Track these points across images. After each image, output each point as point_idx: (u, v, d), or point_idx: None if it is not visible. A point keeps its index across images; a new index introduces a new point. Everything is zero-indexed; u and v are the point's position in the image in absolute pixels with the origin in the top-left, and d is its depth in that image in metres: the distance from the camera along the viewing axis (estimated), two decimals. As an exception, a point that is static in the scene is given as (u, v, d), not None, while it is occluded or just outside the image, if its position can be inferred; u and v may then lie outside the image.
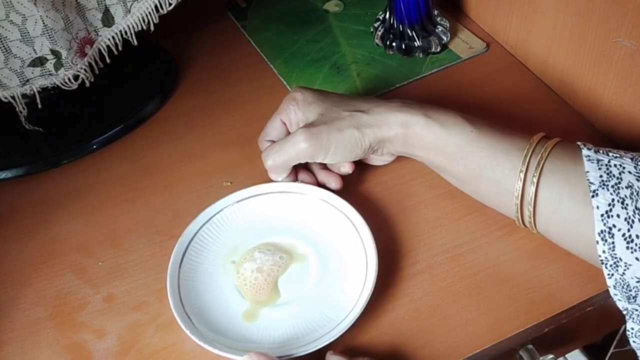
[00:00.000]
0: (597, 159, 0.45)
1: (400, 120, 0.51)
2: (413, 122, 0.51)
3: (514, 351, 0.50)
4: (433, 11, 0.71)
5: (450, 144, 0.50)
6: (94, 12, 0.61)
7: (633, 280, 0.43)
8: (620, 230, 0.43)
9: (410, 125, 0.51)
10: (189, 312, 0.49)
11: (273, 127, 0.56)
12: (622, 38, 0.55)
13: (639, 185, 0.43)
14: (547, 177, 0.46)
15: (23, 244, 0.58)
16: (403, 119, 0.51)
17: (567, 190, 0.45)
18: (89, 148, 0.65)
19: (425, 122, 0.50)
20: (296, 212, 0.56)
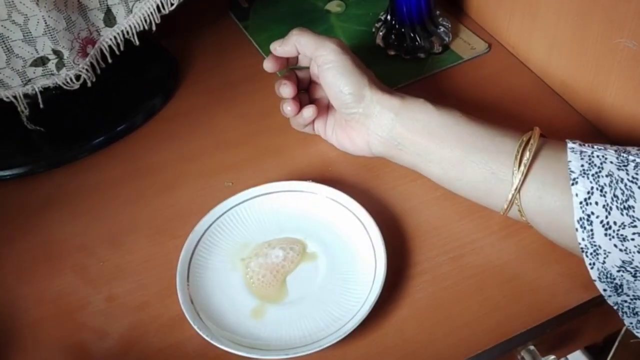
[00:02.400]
0: (581, 151, 0.46)
1: (400, 95, 0.54)
2: (412, 99, 0.53)
3: (515, 352, 0.50)
4: (434, 11, 0.71)
5: (439, 123, 0.51)
6: (96, 12, 0.61)
7: (614, 269, 0.44)
8: (598, 217, 0.44)
9: (408, 100, 0.53)
10: (197, 308, 0.49)
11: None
12: (624, 39, 0.55)
13: (619, 174, 0.44)
14: (534, 165, 0.47)
15: (24, 244, 0.58)
16: (403, 95, 0.54)
17: (550, 177, 0.46)
18: (91, 148, 0.65)
19: (423, 101, 0.53)
20: (306, 211, 0.56)
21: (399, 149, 0.53)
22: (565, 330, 0.50)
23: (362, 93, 0.53)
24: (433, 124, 0.51)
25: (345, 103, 0.54)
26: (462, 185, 0.51)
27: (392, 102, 0.52)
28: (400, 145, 0.53)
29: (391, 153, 0.54)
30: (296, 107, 0.58)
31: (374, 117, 0.53)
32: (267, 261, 0.53)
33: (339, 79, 0.53)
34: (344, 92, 0.54)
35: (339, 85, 0.53)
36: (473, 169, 0.49)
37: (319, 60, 0.54)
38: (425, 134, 0.51)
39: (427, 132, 0.51)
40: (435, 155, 0.51)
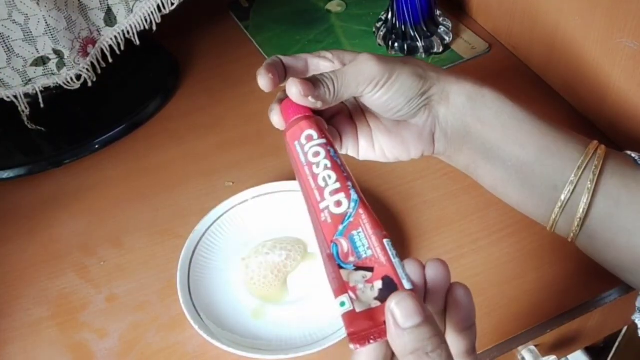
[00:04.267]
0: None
1: (470, 79, 0.45)
2: (484, 85, 0.44)
3: (516, 352, 0.50)
4: (435, 11, 0.71)
5: (512, 116, 0.43)
6: (97, 12, 0.61)
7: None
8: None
9: (481, 86, 0.44)
10: (198, 308, 0.49)
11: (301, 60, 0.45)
12: (625, 39, 0.55)
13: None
14: (605, 179, 0.41)
15: (25, 244, 0.58)
16: (473, 80, 0.45)
17: (625, 195, 0.41)
18: (91, 148, 0.65)
19: (494, 89, 0.44)
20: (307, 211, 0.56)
21: (465, 141, 0.44)
22: (566, 330, 0.50)
23: (424, 86, 0.43)
24: (506, 116, 0.43)
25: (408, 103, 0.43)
26: (524, 191, 0.44)
27: (465, 86, 0.44)
28: (467, 135, 0.44)
29: (453, 148, 0.45)
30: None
31: (445, 102, 0.44)
32: (268, 261, 0.53)
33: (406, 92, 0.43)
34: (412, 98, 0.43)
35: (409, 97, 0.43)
36: (542, 173, 0.43)
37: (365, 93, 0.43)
38: (497, 126, 0.43)
39: (500, 124, 0.43)
40: (502, 151, 0.43)
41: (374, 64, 0.42)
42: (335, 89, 0.41)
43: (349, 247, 0.34)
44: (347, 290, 0.32)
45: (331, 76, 0.41)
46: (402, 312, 0.29)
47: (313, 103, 0.40)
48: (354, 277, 0.33)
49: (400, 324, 0.29)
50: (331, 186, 0.36)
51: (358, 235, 0.34)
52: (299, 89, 0.40)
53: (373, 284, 0.32)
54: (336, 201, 0.35)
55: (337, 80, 0.41)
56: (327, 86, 0.41)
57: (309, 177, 0.37)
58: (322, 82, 0.41)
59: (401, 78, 0.42)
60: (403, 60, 0.44)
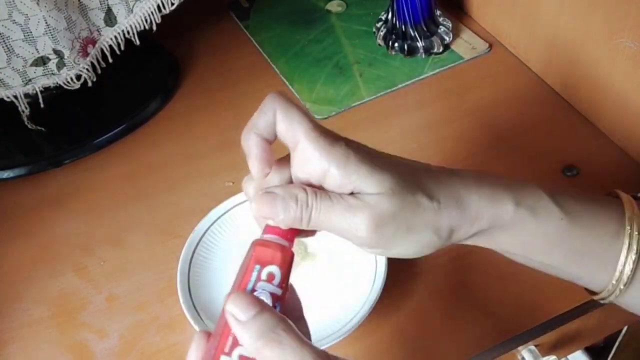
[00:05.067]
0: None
1: (491, 214, 0.38)
2: (502, 213, 0.38)
3: (516, 352, 0.50)
4: (435, 11, 0.71)
5: (536, 235, 0.39)
6: (97, 12, 0.61)
7: None
8: None
9: (498, 217, 0.38)
10: (198, 308, 0.49)
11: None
12: (625, 39, 0.55)
13: None
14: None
15: (25, 244, 0.58)
16: (494, 213, 0.38)
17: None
18: (91, 147, 0.65)
19: (515, 211, 0.38)
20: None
21: (482, 243, 0.40)
22: (566, 330, 0.50)
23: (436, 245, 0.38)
24: (527, 235, 0.39)
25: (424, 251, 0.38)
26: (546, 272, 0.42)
27: (481, 225, 0.38)
28: (487, 245, 0.40)
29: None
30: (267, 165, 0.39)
31: (455, 239, 0.38)
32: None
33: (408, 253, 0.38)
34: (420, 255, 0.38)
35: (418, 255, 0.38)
36: (566, 271, 0.40)
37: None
38: (517, 245, 0.40)
39: (520, 244, 0.39)
40: (525, 259, 0.41)
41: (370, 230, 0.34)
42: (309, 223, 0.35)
43: None
44: None
45: (312, 208, 0.35)
46: (239, 307, 0.31)
47: (272, 224, 0.36)
48: None
49: (240, 319, 0.31)
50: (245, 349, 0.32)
51: None
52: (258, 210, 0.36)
53: None
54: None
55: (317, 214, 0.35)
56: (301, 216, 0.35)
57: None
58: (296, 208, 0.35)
59: (397, 249, 0.36)
60: (412, 226, 0.36)
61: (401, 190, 0.35)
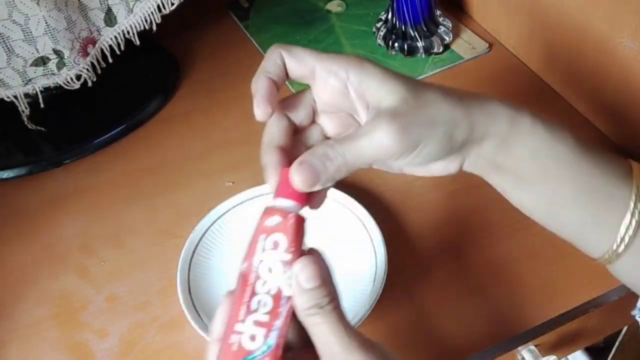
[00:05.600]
0: None
1: (507, 113, 0.39)
2: (520, 117, 0.39)
3: (516, 352, 0.50)
4: (435, 11, 0.71)
5: (549, 153, 0.39)
6: (97, 12, 0.61)
7: None
8: None
9: (517, 121, 0.39)
10: (198, 308, 0.49)
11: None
12: (625, 39, 0.55)
13: None
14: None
15: (25, 244, 0.58)
16: (510, 112, 0.39)
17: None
18: (91, 148, 0.65)
19: (532, 121, 0.39)
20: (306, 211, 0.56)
21: (496, 173, 0.41)
22: (566, 330, 0.50)
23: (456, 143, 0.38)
24: (543, 155, 0.39)
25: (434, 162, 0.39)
26: (551, 221, 0.42)
27: (501, 126, 0.38)
28: (499, 170, 0.40)
29: (484, 174, 0.41)
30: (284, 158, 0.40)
31: (477, 145, 0.39)
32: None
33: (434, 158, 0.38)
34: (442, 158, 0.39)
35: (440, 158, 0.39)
36: (574, 211, 0.40)
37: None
38: (532, 164, 0.40)
39: (535, 162, 0.39)
40: (535, 188, 0.40)
41: (393, 137, 0.35)
42: (346, 167, 0.36)
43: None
44: None
45: (342, 154, 0.36)
46: (304, 276, 0.34)
47: (319, 188, 0.37)
48: None
49: (302, 285, 0.34)
50: (260, 314, 0.33)
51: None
52: (303, 179, 0.36)
53: None
54: (252, 334, 0.33)
55: (349, 157, 0.36)
56: (338, 168, 0.36)
57: (247, 288, 0.34)
58: (328, 165, 0.36)
59: (427, 147, 0.37)
60: (434, 119, 0.36)
61: (415, 88, 0.37)
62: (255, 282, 0.34)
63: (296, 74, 0.39)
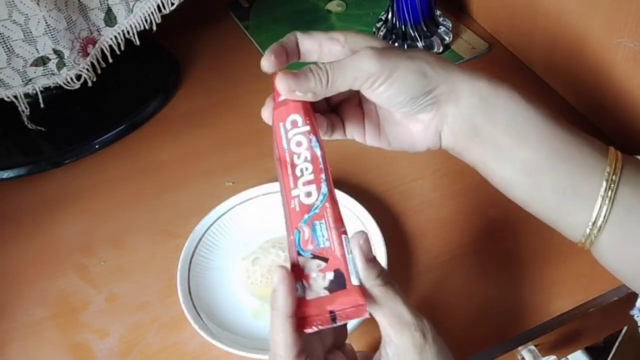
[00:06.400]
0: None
1: (486, 76, 0.42)
2: (498, 82, 0.42)
3: (516, 352, 0.50)
4: (435, 11, 0.71)
5: (525, 117, 0.42)
6: (97, 12, 0.61)
7: None
8: None
9: (495, 83, 0.42)
10: (198, 308, 0.49)
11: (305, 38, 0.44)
12: (625, 39, 0.55)
13: None
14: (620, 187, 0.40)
15: (25, 244, 0.58)
16: (489, 77, 0.43)
17: (636, 204, 0.40)
18: (91, 148, 0.65)
19: (510, 87, 0.42)
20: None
21: (473, 141, 0.43)
22: (566, 330, 0.50)
23: (431, 83, 0.41)
24: (520, 117, 0.42)
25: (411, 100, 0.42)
26: (532, 195, 0.43)
27: (479, 85, 0.42)
28: (477, 136, 0.42)
29: (462, 145, 0.44)
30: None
31: (455, 101, 0.42)
32: (268, 261, 0.53)
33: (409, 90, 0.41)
34: (417, 96, 0.42)
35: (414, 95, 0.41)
36: (552, 178, 0.41)
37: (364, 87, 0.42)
38: (509, 127, 0.42)
39: (513, 125, 0.42)
40: (513, 154, 0.42)
41: (373, 60, 0.40)
42: (328, 82, 0.40)
43: (309, 235, 0.37)
44: (302, 278, 0.36)
45: (326, 68, 0.41)
46: (367, 247, 0.37)
47: (301, 96, 0.41)
48: (309, 265, 0.36)
49: (368, 255, 0.37)
50: (306, 177, 0.38)
51: (320, 226, 0.37)
52: (286, 84, 0.40)
53: (325, 274, 0.36)
54: (307, 192, 0.38)
55: (332, 73, 0.41)
56: (320, 79, 0.40)
57: (287, 165, 0.39)
58: (313, 74, 0.41)
59: (403, 76, 0.41)
60: (410, 55, 0.41)
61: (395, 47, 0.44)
62: (291, 157, 0.39)
63: (307, 46, 0.43)
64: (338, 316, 0.35)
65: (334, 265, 0.36)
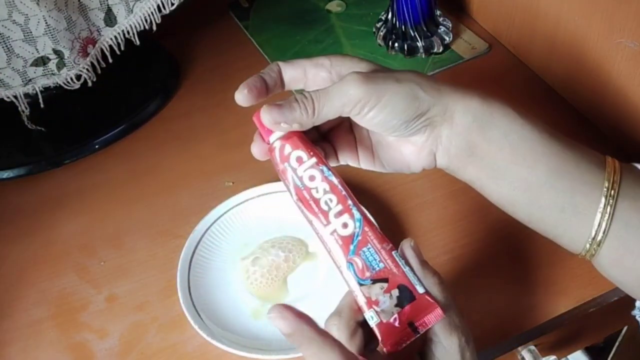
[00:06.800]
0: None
1: (478, 94, 0.41)
2: (491, 99, 0.41)
3: (516, 352, 0.50)
4: (435, 11, 0.71)
5: (521, 135, 0.41)
6: (97, 12, 0.61)
7: None
8: None
9: (488, 101, 0.41)
10: (198, 308, 0.49)
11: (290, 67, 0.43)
12: (625, 39, 0.55)
13: None
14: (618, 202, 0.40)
15: (25, 244, 0.58)
16: (481, 94, 0.41)
17: (635, 218, 0.40)
18: (91, 148, 0.65)
19: (503, 104, 0.41)
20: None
21: (469, 161, 0.42)
22: (566, 330, 0.50)
23: (422, 106, 0.40)
24: (515, 135, 0.41)
25: (404, 124, 0.41)
26: (531, 211, 0.42)
27: (472, 104, 0.41)
28: (472, 155, 0.42)
29: (457, 165, 0.43)
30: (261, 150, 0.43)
31: (449, 122, 0.41)
32: (268, 261, 0.53)
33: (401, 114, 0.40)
34: (410, 120, 0.40)
35: (407, 118, 0.40)
36: (550, 195, 0.41)
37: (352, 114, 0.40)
38: (505, 146, 0.41)
39: (508, 144, 0.41)
40: (510, 173, 0.41)
41: (359, 84, 0.39)
42: (315, 111, 0.39)
43: (363, 264, 0.37)
44: (371, 305, 0.36)
45: (311, 97, 0.39)
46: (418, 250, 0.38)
47: (287, 128, 0.40)
48: (373, 291, 0.37)
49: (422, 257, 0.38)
50: (334, 209, 0.38)
51: (369, 251, 0.37)
52: (270, 117, 0.39)
53: (390, 293, 0.37)
54: (343, 223, 0.38)
55: (317, 101, 0.39)
56: (305, 108, 0.39)
57: (310, 202, 0.38)
58: (299, 103, 0.39)
59: (393, 100, 0.39)
60: (399, 78, 0.41)
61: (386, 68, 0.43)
62: (310, 194, 0.39)
63: (290, 75, 0.43)
64: (419, 326, 0.36)
65: (395, 282, 0.37)
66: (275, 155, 0.40)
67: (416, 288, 0.37)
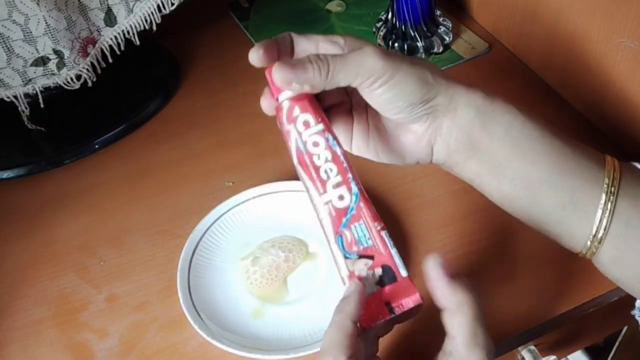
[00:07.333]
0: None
1: (482, 90, 0.42)
2: (494, 95, 0.42)
3: (516, 352, 0.50)
4: (435, 11, 0.71)
5: (523, 132, 0.41)
6: (97, 12, 0.61)
7: None
8: None
9: (491, 97, 0.41)
10: (198, 308, 0.49)
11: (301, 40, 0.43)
12: (625, 39, 0.55)
13: None
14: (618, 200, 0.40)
15: (25, 244, 0.58)
16: (484, 90, 0.42)
17: (635, 217, 0.40)
18: (91, 148, 0.65)
19: (505, 100, 0.42)
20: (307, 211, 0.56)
21: (469, 155, 0.42)
22: (566, 330, 0.50)
23: (430, 93, 0.41)
24: (517, 132, 0.41)
25: (409, 107, 0.41)
26: (531, 209, 0.42)
27: (476, 98, 0.41)
28: (473, 150, 0.41)
29: (455, 159, 0.43)
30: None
31: (452, 114, 0.41)
32: (268, 261, 0.53)
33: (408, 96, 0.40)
34: (416, 103, 0.41)
35: (413, 102, 0.40)
36: (551, 193, 0.41)
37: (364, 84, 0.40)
38: (507, 142, 0.41)
39: (510, 140, 0.41)
40: (511, 170, 0.41)
41: (377, 58, 0.39)
42: (329, 73, 0.39)
43: (352, 238, 0.38)
44: (353, 278, 0.38)
45: (327, 59, 0.39)
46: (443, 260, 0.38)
47: (298, 88, 0.39)
48: (357, 266, 0.38)
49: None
50: (333, 179, 0.39)
51: (360, 227, 0.38)
52: (282, 75, 0.39)
53: (374, 271, 0.38)
54: (339, 195, 0.38)
55: (334, 65, 0.39)
56: (320, 69, 0.39)
57: (310, 168, 0.39)
58: (312, 64, 0.39)
59: (404, 80, 0.40)
60: (412, 61, 0.40)
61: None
62: (311, 160, 0.39)
63: (302, 47, 0.43)
64: (395, 307, 0.37)
65: (380, 261, 0.38)
66: (282, 115, 0.40)
67: (400, 270, 0.37)
